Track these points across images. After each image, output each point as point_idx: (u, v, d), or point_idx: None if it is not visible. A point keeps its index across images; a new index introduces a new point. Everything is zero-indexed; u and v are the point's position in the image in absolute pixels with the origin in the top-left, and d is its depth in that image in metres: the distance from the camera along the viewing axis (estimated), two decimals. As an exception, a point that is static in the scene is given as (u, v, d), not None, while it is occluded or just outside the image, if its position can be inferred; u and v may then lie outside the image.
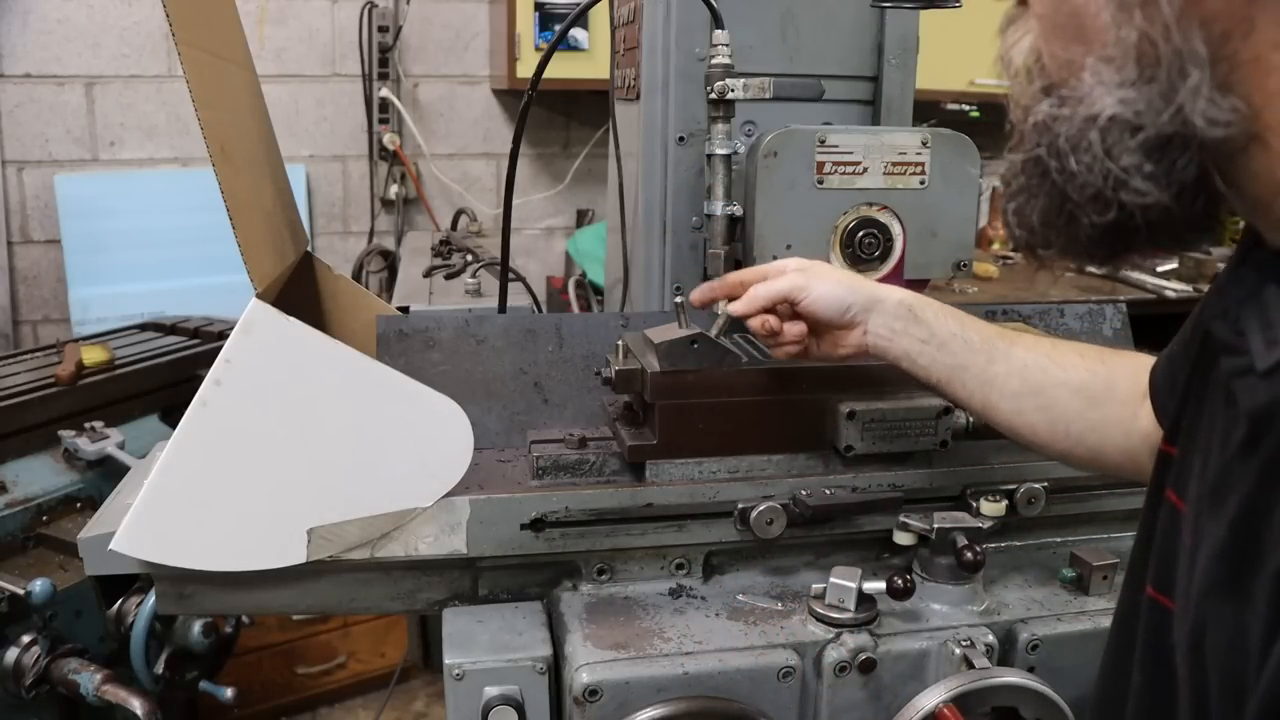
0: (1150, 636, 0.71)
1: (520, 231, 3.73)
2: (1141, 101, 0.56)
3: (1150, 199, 0.57)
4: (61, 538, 1.83)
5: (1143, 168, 0.56)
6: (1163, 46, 0.54)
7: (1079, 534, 1.31)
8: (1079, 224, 0.61)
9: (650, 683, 1.02)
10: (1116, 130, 0.57)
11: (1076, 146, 0.59)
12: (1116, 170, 0.57)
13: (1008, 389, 1.03)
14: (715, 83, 1.31)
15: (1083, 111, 0.58)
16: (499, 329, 1.35)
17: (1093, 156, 0.58)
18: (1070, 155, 0.59)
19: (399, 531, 1.09)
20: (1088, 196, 0.59)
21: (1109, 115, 0.57)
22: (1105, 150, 0.57)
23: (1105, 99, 0.57)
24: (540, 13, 3.16)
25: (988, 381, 1.04)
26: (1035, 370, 1.02)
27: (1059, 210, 0.62)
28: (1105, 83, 0.57)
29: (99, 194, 3.34)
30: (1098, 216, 0.59)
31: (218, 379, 1.03)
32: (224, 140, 1.13)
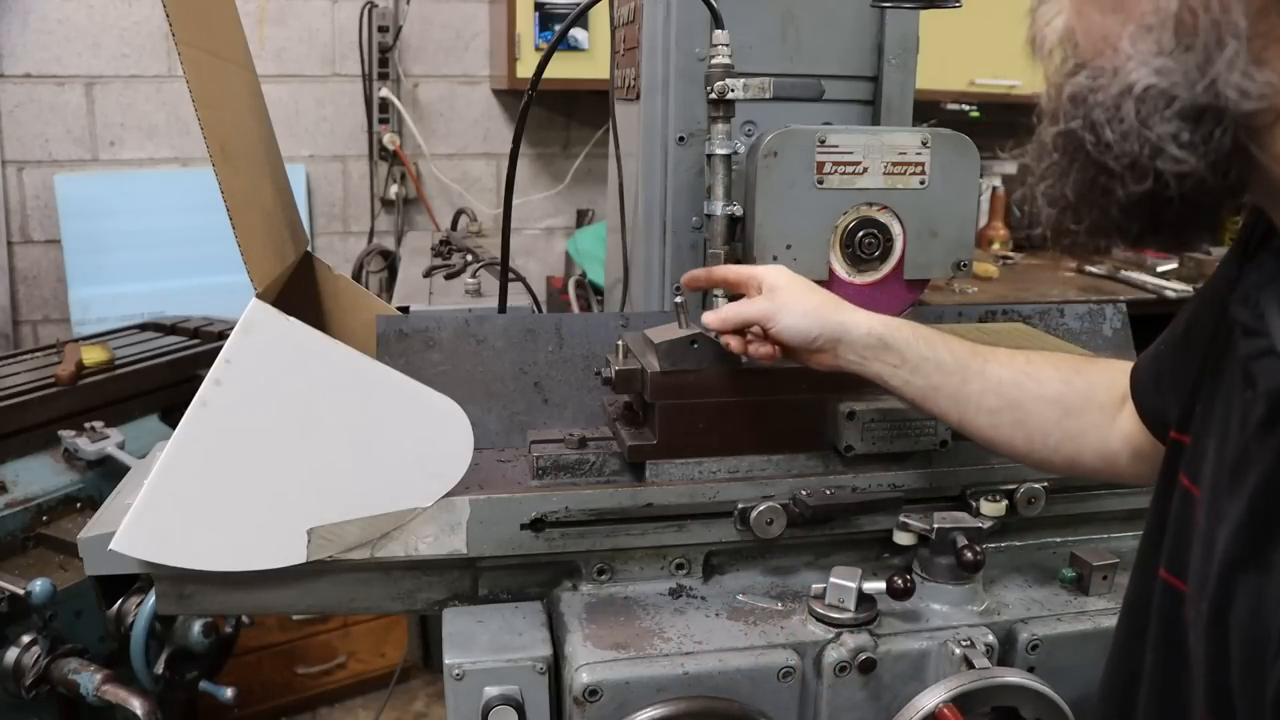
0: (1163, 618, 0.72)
1: (520, 231, 3.73)
2: (1178, 72, 0.56)
3: (1187, 167, 0.57)
4: (61, 538, 1.83)
5: (1179, 136, 0.57)
6: (1202, 16, 0.55)
7: (1079, 534, 1.31)
8: (1113, 195, 0.61)
9: (650, 683, 1.02)
10: (1152, 100, 0.57)
11: (1112, 118, 0.59)
12: (1153, 138, 0.57)
13: (983, 406, 1.04)
14: (715, 83, 1.31)
15: (1118, 83, 0.58)
16: (499, 329, 1.35)
17: (1129, 126, 0.58)
18: (1105, 126, 0.59)
19: (399, 531, 1.09)
20: (1125, 165, 0.59)
21: (1145, 85, 0.57)
22: (1141, 120, 0.57)
23: (1141, 69, 0.57)
24: (540, 13, 3.16)
25: (963, 400, 1.05)
26: (1010, 386, 1.03)
27: (1093, 182, 0.62)
28: (1142, 52, 0.57)
29: (99, 194, 3.34)
30: (1135, 185, 0.59)
31: (218, 379, 1.03)
32: (224, 140, 1.13)
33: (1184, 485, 0.72)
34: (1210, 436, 0.70)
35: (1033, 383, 1.03)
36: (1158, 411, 0.90)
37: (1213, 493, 0.67)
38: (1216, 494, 0.66)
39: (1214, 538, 0.65)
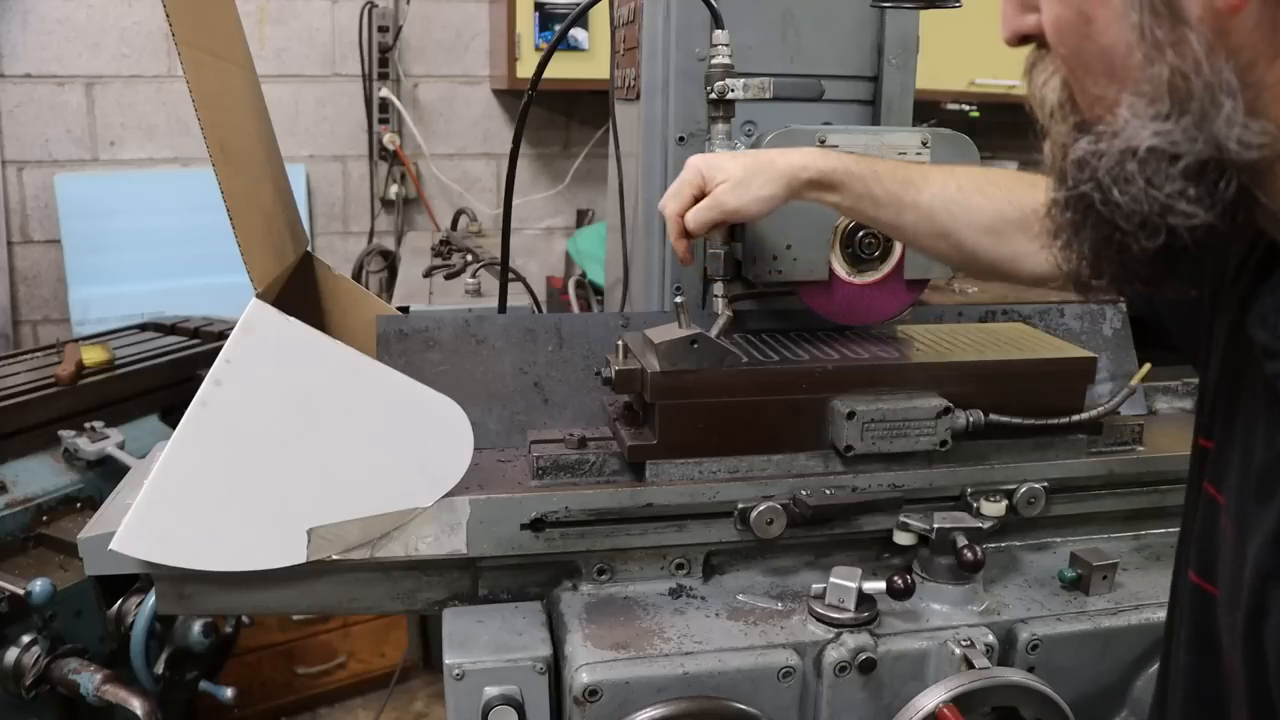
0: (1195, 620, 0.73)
1: (520, 231, 3.73)
2: (1177, 132, 0.58)
3: (1197, 220, 0.59)
4: (61, 538, 1.83)
5: (1186, 192, 0.58)
6: (1194, 80, 0.56)
7: (1079, 534, 1.31)
8: (1129, 251, 0.63)
9: (650, 683, 1.02)
10: (1155, 160, 0.58)
11: (1118, 179, 0.60)
12: (1161, 196, 0.59)
13: (919, 231, 1.15)
14: (715, 83, 1.31)
15: (1119, 145, 0.60)
16: (499, 329, 1.35)
17: (1136, 187, 0.59)
18: (1113, 187, 0.61)
19: (399, 531, 1.09)
20: (1136, 224, 0.61)
21: (1147, 147, 0.58)
22: (1147, 180, 0.59)
23: (1141, 132, 0.58)
24: (540, 13, 3.16)
25: (898, 229, 1.16)
26: (942, 214, 1.12)
27: (1108, 240, 0.63)
28: (1140, 116, 0.59)
29: (99, 194, 3.34)
30: (1148, 240, 0.61)
31: (218, 379, 1.03)
32: (224, 140, 1.13)
33: (1209, 492, 0.73)
34: (1234, 447, 0.71)
35: (964, 212, 1.11)
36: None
37: (1238, 503, 0.68)
38: (1243, 505, 0.67)
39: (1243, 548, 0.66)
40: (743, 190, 1.12)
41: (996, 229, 1.11)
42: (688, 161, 1.19)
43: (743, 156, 1.17)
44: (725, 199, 1.13)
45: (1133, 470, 1.29)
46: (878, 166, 1.14)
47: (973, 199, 1.11)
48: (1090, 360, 1.28)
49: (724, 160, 1.16)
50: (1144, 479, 1.30)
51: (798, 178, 1.13)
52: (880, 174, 1.13)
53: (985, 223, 1.11)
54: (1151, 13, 0.57)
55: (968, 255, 1.15)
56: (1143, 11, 0.57)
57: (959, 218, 1.12)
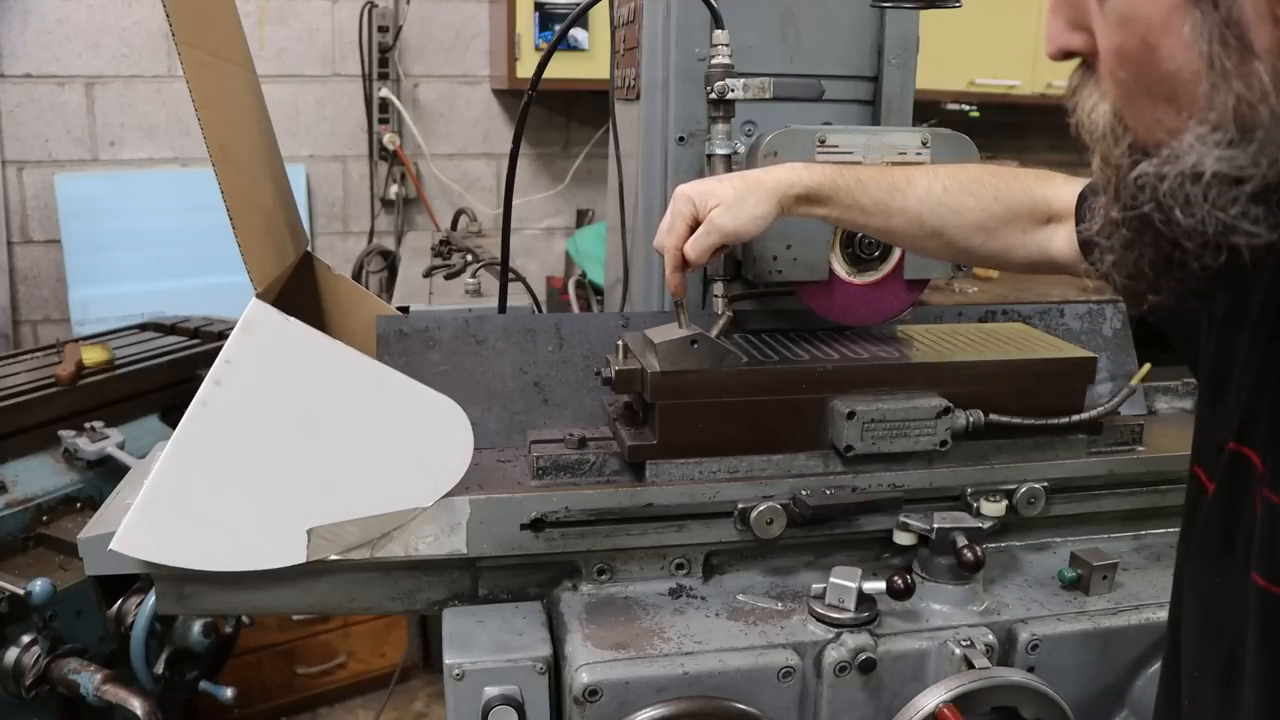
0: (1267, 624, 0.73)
1: (520, 231, 3.73)
2: (1243, 158, 0.58)
3: (1260, 240, 0.59)
4: (61, 538, 1.83)
5: (1249, 213, 0.59)
6: (1261, 109, 0.57)
7: (1079, 534, 1.31)
8: (1189, 268, 0.63)
9: (650, 683, 1.02)
10: (1219, 185, 0.59)
11: (1180, 200, 0.60)
12: (1226, 219, 0.59)
13: (909, 234, 1.17)
14: (715, 83, 1.31)
15: (1182, 168, 0.60)
16: (499, 329, 1.35)
17: (1200, 209, 0.60)
18: (1175, 209, 0.61)
19: (399, 531, 1.09)
20: (1198, 244, 0.61)
21: (1212, 172, 0.59)
22: (1211, 203, 0.59)
23: (1206, 157, 0.59)
24: (540, 13, 3.16)
25: (889, 233, 1.19)
26: (930, 217, 1.15)
27: (1168, 259, 0.64)
28: (1206, 143, 0.59)
29: (99, 194, 3.34)
30: (1210, 260, 0.61)
31: (218, 379, 1.03)
32: (224, 140, 1.13)
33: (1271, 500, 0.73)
34: None
35: (952, 213, 1.14)
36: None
37: None
38: None
39: None
40: (738, 211, 1.13)
41: (985, 225, 1.15)
42: (676, 193, 1.18)
43: (731, 179, 1.17)
44: (722, 222, 1.13)
45: (1133, 470, 1.29)
46: (862, 175, 1.16)
47: (959, 199, 1.14)
48: (1090, 360, 1.28)
49: (712, 185, 1.16)
50: (1144, 479, 1.30)
51: (787, 194, 1.14)
52: (865, 182, 1.15)
53: (974, 220, 1.14)
54: (1221, 43, 0.57)
55: (960, 252, 1.19)
56: (1212, 42, 0.57)
57: (947, 218, 1.14)
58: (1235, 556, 0.77)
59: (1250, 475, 0.76)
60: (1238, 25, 0.56)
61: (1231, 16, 0.56)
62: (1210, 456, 0.82)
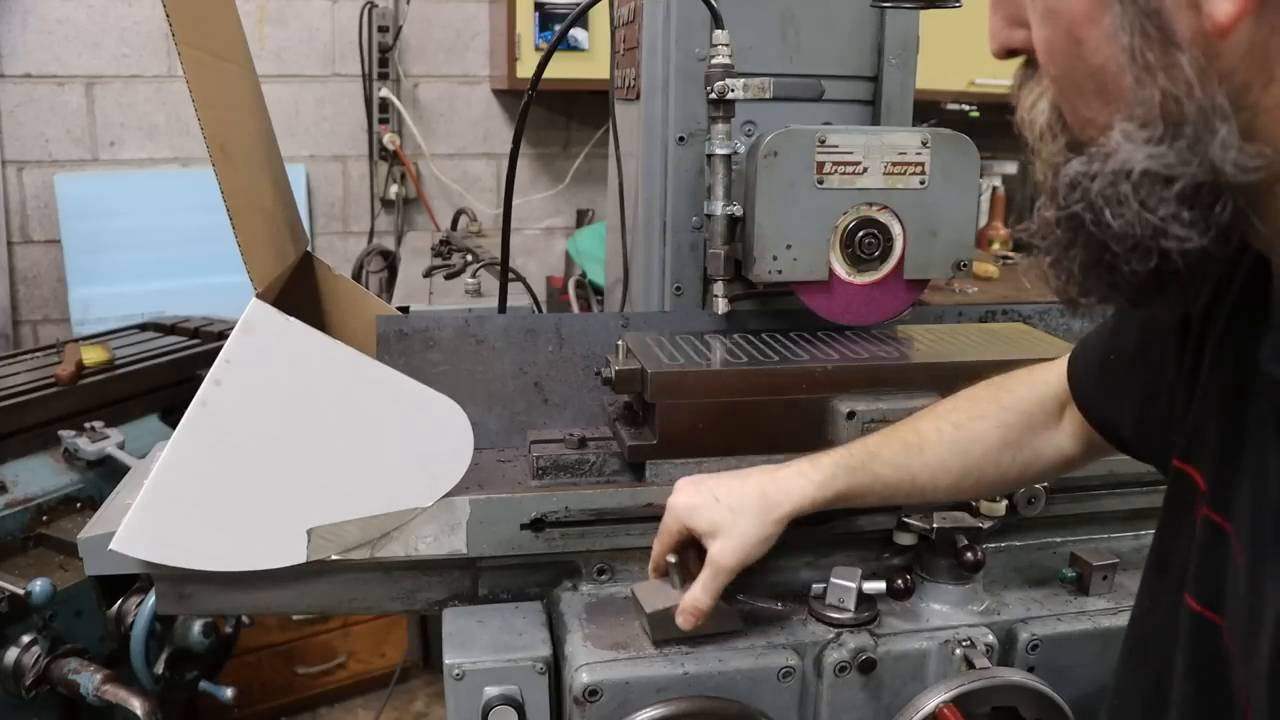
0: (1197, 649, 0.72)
1: (520, 231, 3.73)
2: (1171, 155, 0.56)
3: (1190, 244, 0.58)
4: (61, 538, 1.83)
5: (1180, 215, 0.57)
6: (1187, 103, 0.55)
7: (1079, 534, 1.31)
8: (1119, 272, 0.62)
9: (650, 683, 1.02)
10: (1149, 183, 0.57)
11: (1111, 200, 0.59)
12: (1155, 220, 0.58)
13: (938, 487, 1.07)
14: (715, 83, 1.31)
15: (1112, 166, 0.59)
16: (499, 329, 1.35)
17: (1129, 210, 0.58)
18: (1105, 209, 0.59)
19: (399, 531, 1.09)
20: (1127, 247, 0.60)
21: (1141, 170, 0.57)
22: (1140, 202, 0.58)
23: (1135, 155, 0.57)
24: (540, 13, 3.16)
25: (918, 493, 1.08)
26: (954, 459, 1.06)
27: (1098, 261, 0.62)
28: (1133, 139, 0.57)
29: (99, 194, 3.33)
30: (1139, 264, 0.60)
31: (218, 379, 1.03)
32: (224, 140, 1.12)
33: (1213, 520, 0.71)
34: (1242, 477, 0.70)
35: (973, 444, 1.05)
36: (1109, 423, 0.95)
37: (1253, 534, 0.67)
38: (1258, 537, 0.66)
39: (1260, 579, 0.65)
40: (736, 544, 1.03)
41: (1009, 441, 1.05)
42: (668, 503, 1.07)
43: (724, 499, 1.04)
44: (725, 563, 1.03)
45: (1133, 470, 1.28)
46: (870, 446, 1.08)
47: (973, 427, 1.06)
48: (1090, 360, 1.28)
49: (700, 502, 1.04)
50: (1144, 479, 1.29)
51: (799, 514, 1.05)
52: (877, 454, 1.07)
53: (997, 441, 1.05)
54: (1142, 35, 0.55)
55: (994, 480, 1.08)
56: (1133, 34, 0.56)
57: (971, 453, 1.05)
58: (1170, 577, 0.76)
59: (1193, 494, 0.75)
60: (1157, 15, 0.54)
61: (1150, 6, 0.55)
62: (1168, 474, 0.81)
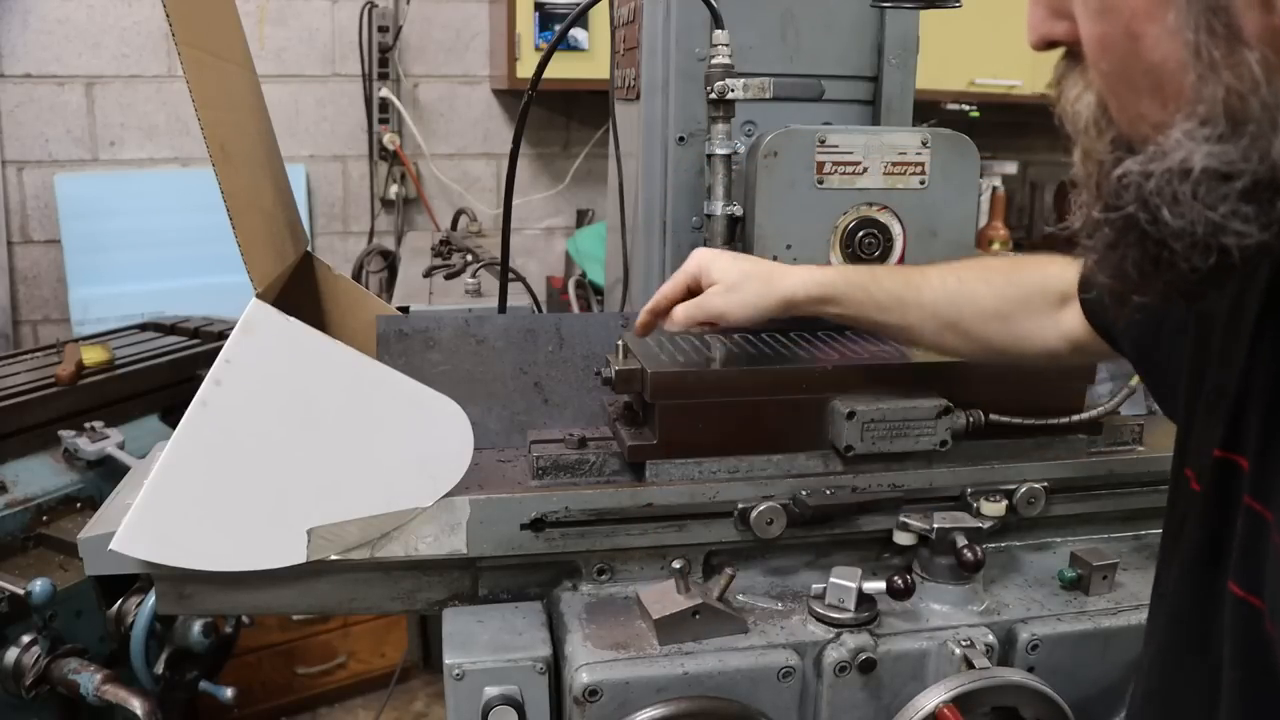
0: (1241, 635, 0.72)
1: (520, 231, 3.73)
2: (1234, 152, 0.56)
3: (1250, 240, 0.57)
4: (61, 538, 1.83)
5: (1240, 211, 0.57)
6: (1252, 101, 0.54)
7: (1079, 534, 1.31)
8: (1177, 269, 0.61)
9: (650, 683, 1.02)
10: (1209, 181, 0.57)
11: (1168, 199, 0.58)
12: (1215, 218, 0.57)
13: (925, 330, 1.15)
14: (715, 83, 1.31)
15: (1169, 165, 0.58)
16: (499, 329, 1.35)
17: (1188, 208, 0.58)
18: (1163, 208, 0.59)
19: (399, 531, 1.09)
20: (1187, 244, 0.59)
21: (1201, 168, 0.56)
22: (1200, 200, 0.57)
23: (1195, 153, 0.57)
24: (540, 13, 3.16)
25: (905, 330, 1.17)
26: (946, 308, 1.13)
27: (1155, 259, 0.62)
28: (1194, 138, 0.57)
29: (99, 194, 3.34)
30: (1199, 261, 0.59)
31: (218, 379, 1.03)
32: (224, 140, 1.13)
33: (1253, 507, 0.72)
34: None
35: (968, 303, 1.12)
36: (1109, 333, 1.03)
37: None
38: None
39: None
40: (731, 296, 1.15)
41: (1003, 312, 1.12)
42: (694, 253, 1.20)
43: (744, 260, 1.18)
44: (713, 303, 1.15)
45: (1133, 470, 1.29)
46: (875, 272, 1.16)
47: (975, 287, 1.12)
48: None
49: (726, 261, 1.17)
50: (1144, 479, 1.29)
51: (794, 296, 1.14)
52: (879, 278, 1.15)
53: (991, 308, 1.12)
54: (1209, 32, 0.54)
55: (978, 343, 1.15)
56: (1199, 31, 0.55)
57: (964, 308, 1.12)
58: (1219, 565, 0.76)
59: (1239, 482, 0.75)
60: (1225, 12, 0.54)
61: (1219, 3, 0.54)
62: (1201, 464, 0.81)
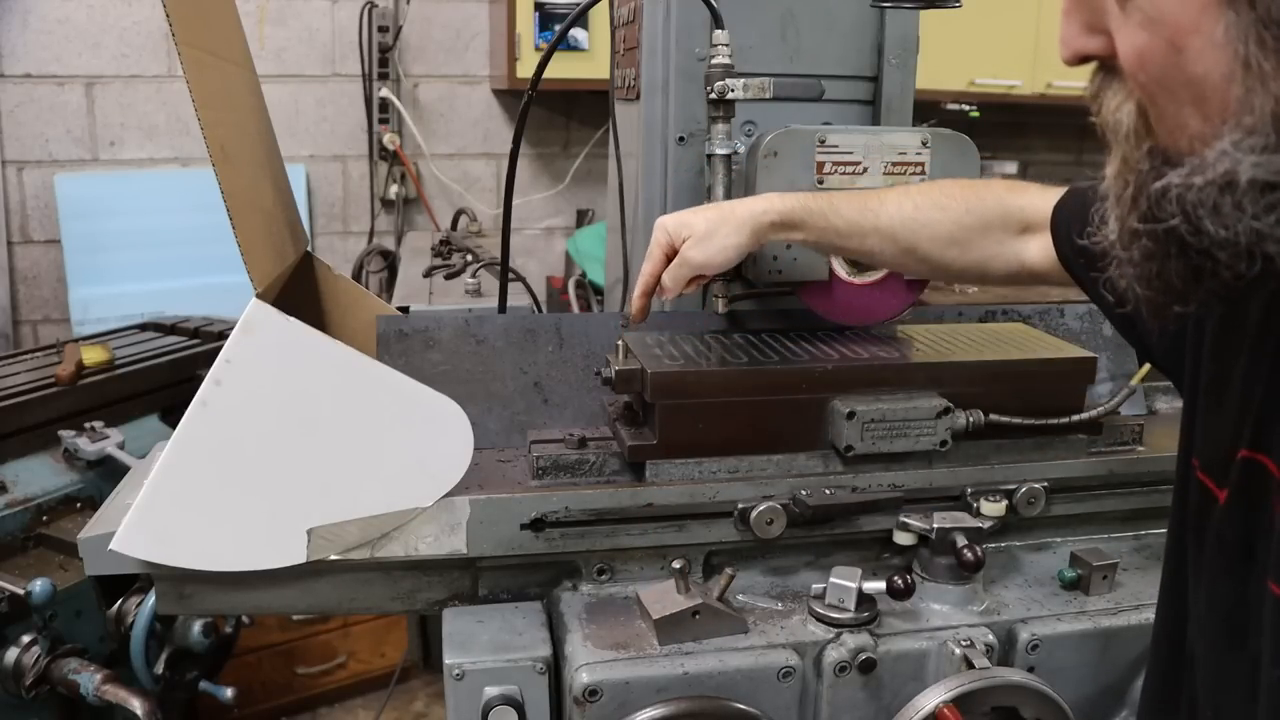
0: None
1: (520, 231, 3.73)
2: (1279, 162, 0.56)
3: None
4: (61, 538, 1.83)
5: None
6: None
7: (1079, 534, 1.31)
8: (1220, 278, 0.61)
9: (650, 683, 1.02)
10: (1254, 192, 0.57)
11: (1210, 210, 0.59)
12: (1261, 227, 0.57)
13: (885, 253, 1.20)
14: (715, 83, 1.31)
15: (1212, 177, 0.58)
16: (499, 329, 1.35)
17: (1232, 218, 0.58)
18: (1205, 219, 0.59)
19: (399, 531, 1.09)
20: (1231, 254, 0.59)
21: (1248, 179, 0.57)
22: (1245, 210, 0.57)
23: (1241, 165, 0.57)
24: (540, 13, 3.16)
25: (864, 253, 1.23)
26: (904, 233, 1.17)
27: (1198, 269, 0.62)
28: (1240, 149, 0.57)
29: (99, 194, 3.34)
30: (1245, 269, 0.60)
31: (218, 379, 1.03)
32: (224, 140, 1.13)
33: None
34: None
35: (924, 228, 1.17)
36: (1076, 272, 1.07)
37: None
38: None
39: None
40: (707, 244, 1.18)
41: (958, 239, 1.17)
42: (656, 222, 1.24)
43: (707, 210, 1.22)
44: (693, 255, 1.19)
45: (1133, 470, 1.29)
46: (835, 199, 1.20)
47: (930, 214, 1.17)
48: (1090, 360, 1.28)
49: (689, 217, 1.22)
50: (1144, 479, 1.29)
51: (760, 222, 1.18)
52: (837, 205, 1.19)
53: (946, 234, 1.17)
54: (1258, 44, 0.55)
55: (938, 267, 1.21)
56: (1249, 43, 0.55)
57: (919, 234, 1.17)
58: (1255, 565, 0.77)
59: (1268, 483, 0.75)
60: (1277, 25, 0.54)
61: (1270, 16, 0.54)
62: (1218, 464, 0.81)
